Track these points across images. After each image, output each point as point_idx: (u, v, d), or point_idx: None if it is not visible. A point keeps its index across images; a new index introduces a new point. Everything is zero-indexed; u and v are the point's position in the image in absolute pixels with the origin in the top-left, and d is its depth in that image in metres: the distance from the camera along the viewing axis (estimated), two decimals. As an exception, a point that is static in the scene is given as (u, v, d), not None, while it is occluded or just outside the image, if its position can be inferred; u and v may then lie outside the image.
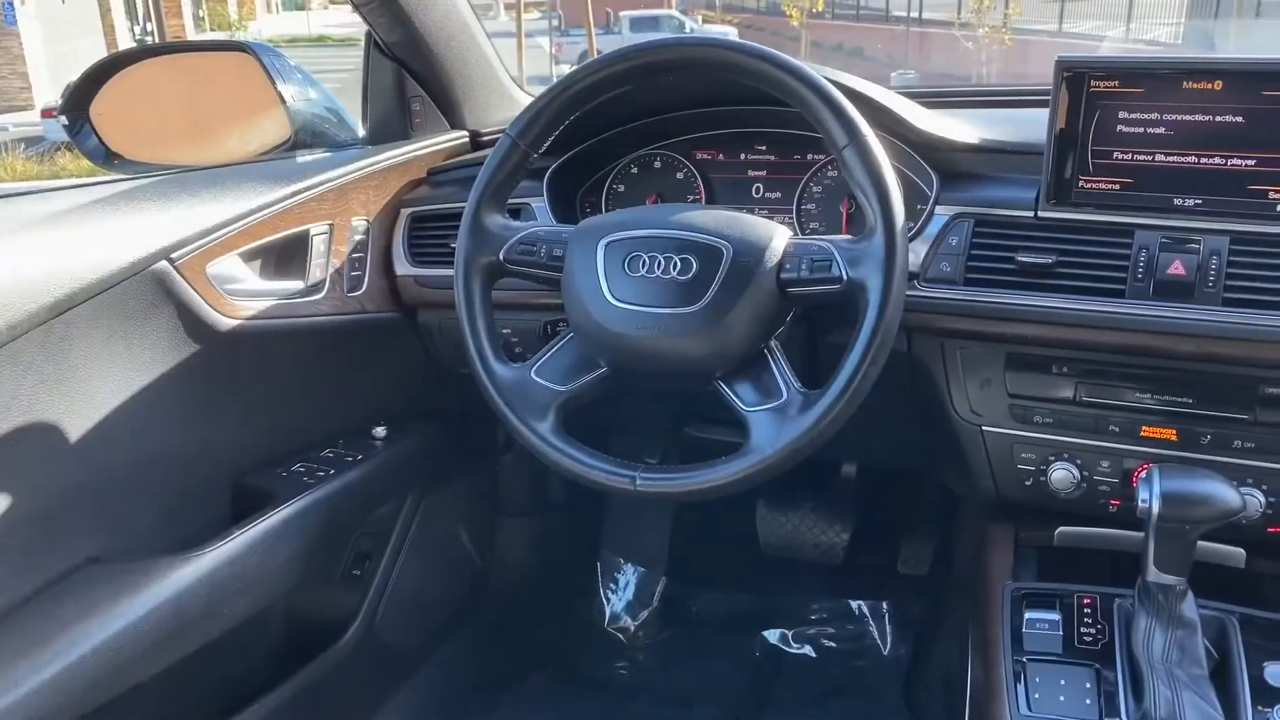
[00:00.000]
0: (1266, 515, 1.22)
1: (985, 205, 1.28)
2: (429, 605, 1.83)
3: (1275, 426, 1.19)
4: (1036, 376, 1.28)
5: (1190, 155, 1.18)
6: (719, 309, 1.13)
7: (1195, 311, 1.16)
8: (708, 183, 1.55)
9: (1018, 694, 1.10)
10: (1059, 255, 1.22)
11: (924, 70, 15.93)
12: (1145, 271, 1.18)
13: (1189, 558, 1.09)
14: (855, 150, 1.11)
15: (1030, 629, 1.18)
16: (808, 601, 2.16)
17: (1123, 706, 1.07)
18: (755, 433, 1.13)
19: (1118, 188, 1.21)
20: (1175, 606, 1.10)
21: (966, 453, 1.35)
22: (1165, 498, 1.07)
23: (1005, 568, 1.31)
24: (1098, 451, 1.27)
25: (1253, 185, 1.16)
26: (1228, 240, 1.16)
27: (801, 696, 1.97)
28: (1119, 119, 1.20)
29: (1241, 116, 1.15)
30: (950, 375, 1.33)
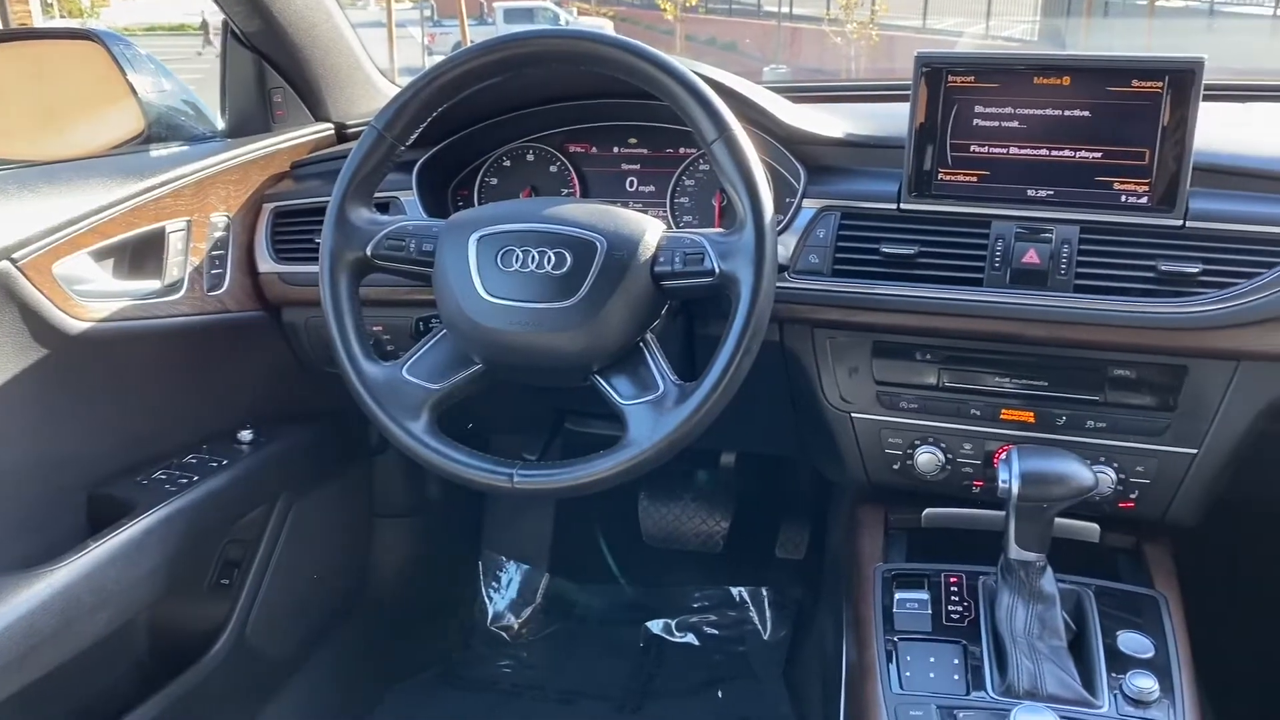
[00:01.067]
0: (1118, 491, 1.28)
1: (851, 198, 1.31)
2: (303, 611, 1.77)
3: (1124, 407, 1.26)
4: (902, 364, 1.32)
5: (1042, 148, 1.23)
6: (594, 303, 1.13)
7: (1048, 298, 1.21)
8: (582, 176, 1.54)
9: (889, 673, 1.13)
10: (921, 246, 1.26)
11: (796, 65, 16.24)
12: (1002, 260, 1.23)
13: (1047, 534, 1.14)
14: (724, 144, 1.12)
15: (900, 609, 1.22)
16: (690, 590, 2.18)
17: (988, 680, 1.11)
18: (633, 426, 1.13)
19: (975, 180, 1.25)
20: (1035, 582, 1.14)
21: (837, 439, 1.38)
22: (1024, 478, 1.11)
23: (876, 550, 1.34)
24: (961, 435, 1.32)
25: (1100, 177, 1.21)
26: (1078, 229, 1.22)
27: (685, 684, 1.99)
28: (975, 113, 1.24)
29: (1088, 111, 1.20)
30: (820, 364, 1.36)
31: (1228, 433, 1.23)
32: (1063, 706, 1.05)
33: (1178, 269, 1.17)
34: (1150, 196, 1.19)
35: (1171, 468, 1.26)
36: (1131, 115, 1.18)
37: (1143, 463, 1.26)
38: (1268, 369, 1.20)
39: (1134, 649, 1.14)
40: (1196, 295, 1.17)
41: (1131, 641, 1.15)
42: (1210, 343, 1.18)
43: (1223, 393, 1.22)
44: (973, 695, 1.09)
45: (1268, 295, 1.14)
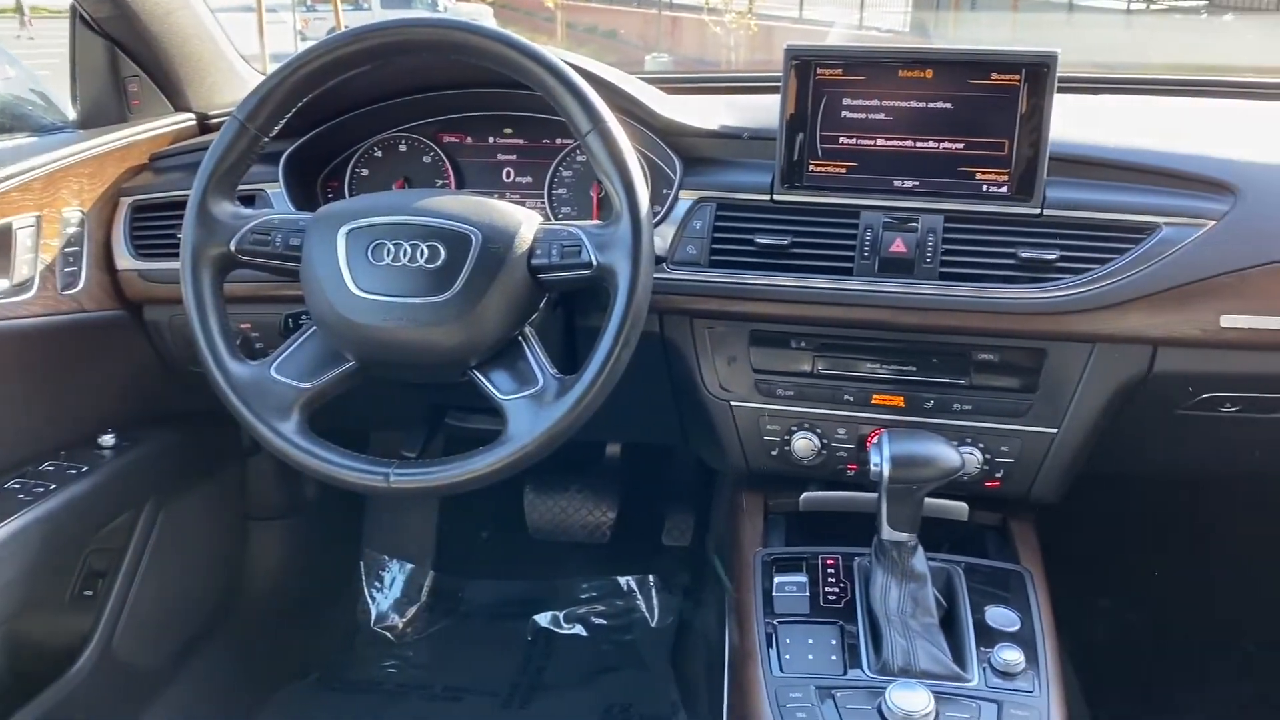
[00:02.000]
0: (984, 471, 1.33)
1: (726, 189, 1.32)
2: (174, 620, 1.71)
3: (988, 389, 1.30)
4: (778, 352, 1.34)
5: (907, 139, 1.26)
6: (470, 297, 1.11)
7: (915, 286, 1.24)
8: (457, 167, 1.52)
9: (770, 656, 1.15)
10: (794, 236, 1.28)
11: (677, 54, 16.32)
12: (871, 250, 1.26)
13: (918, 515, 1.18)
14: (598, 136, 1.12)
15: (780, 592, 1.24)
16: (577, 582, 2.18)
17: (864, 658, 1.14)
18: (512, 421, 1.12)
19: (844, 171, 1.28)
20: (907, 561, 1.18)
21: (717, 427, 1.40)
22: (893, 461, 1.14)
23: (756, 535, 1.36)
24: (835, 420, 1.35)
25: (962, 167, 1.25)
26: (942, 219, 1.25)
27: (573, 676, 1.99)
28: (843, 105, 1.27)
29: (950, 103, 1.24)
30: (700, 354, 1.37)
31: (1085, 412, 1.29)
32: (935, 682, 1.08)
33: (1036, 256, 1.22)
34: (1010, 186, 1.23)
35: (1034, 447, 1.31)
36: (991, 107, 1.22)
37: (1007, 443, 1.31)
38: (1121, 350, 1.26)
39: (1001, 623, 1.18)
40: (1054, 281, 1.22)
41: (999, 616, 1.19)
42: (1067, 326, 1.23)
43: (1080, 374, 1.27)
44: (849, 674, 1.12)
45: (1120, 280, 1.20)
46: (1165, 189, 1.24)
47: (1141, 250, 1.20)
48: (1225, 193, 1.22)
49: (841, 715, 1.07)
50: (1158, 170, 1.25)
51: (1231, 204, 1.21)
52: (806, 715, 1.07)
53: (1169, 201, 1.22)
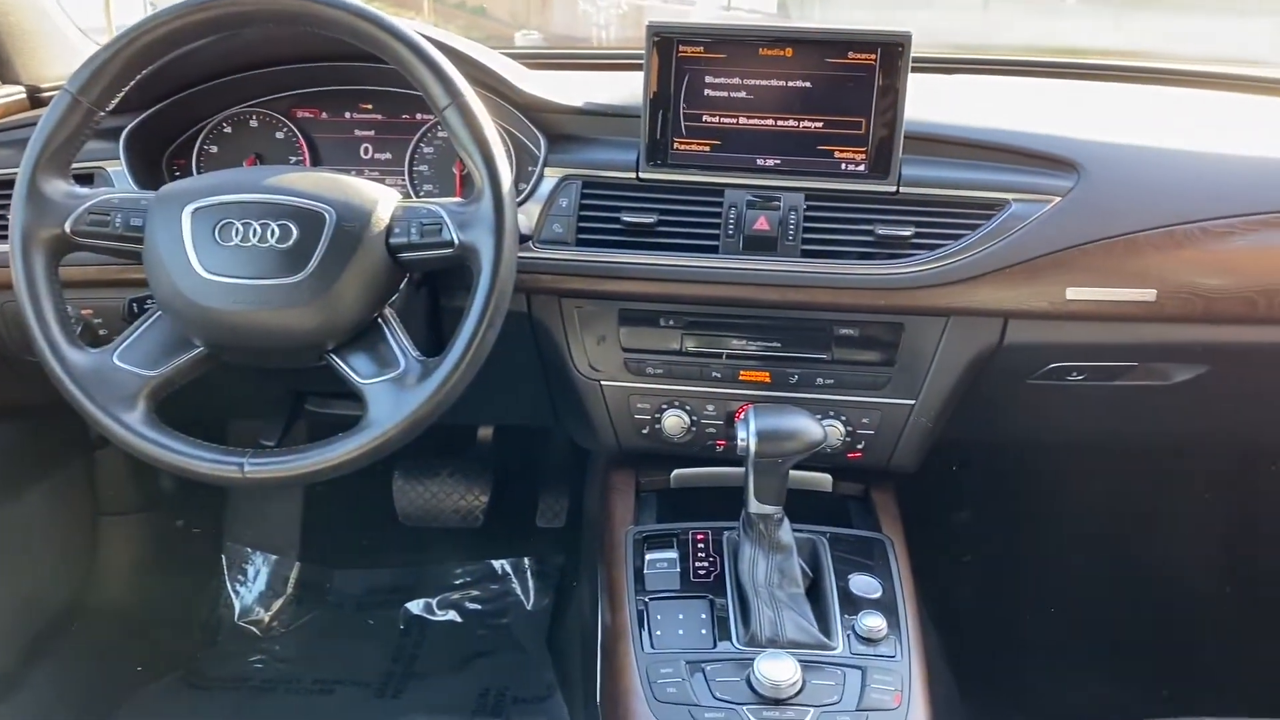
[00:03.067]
0: (846, 443, 1.36)
1: (591, 167, 1.31)
2: (20, 623, 1.62)
3: (849, 364, 1.33)
4: (646, 330, 1.34)
5: (769, 118, 1.27)
6: (324, 278, 1.08)
7: (778, 263, 1.26)
8: (312, 143, 1.46)
9: (641, 633, 1.16)
10: (660, 214, 1.28)
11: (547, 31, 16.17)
12: (735, 227, 1.27)
13: (783, 488, 1.20)
14: (456, 111, 1.09)
15: (651, 569, 1.25)
16: (450, 567, 2.15)
17: (733, 630, 1.15)
18: (373, 405, 1.09)
19: (708, 149, 1.28)
20: (774, 534, 1.20)
21: (588, 407, 1.39)
22: (759, 435, 1.16)
23: (627, 513, 1.37)
24: (704, 397, 1.36)
25: (822, 145, 1.27)
26: (804, 197, 1.27)
27: (448, 662, 1.96)
28: (706, 83, 1.27)
29: (809, 82, 1.25)
30: (569, 333, 1.36)
31: (941, 383, 1.33)
32: (801, 651, 1.11)
33: (893, 232, 1.25)
34: (867, 164, 1.26)
35: (893, 418, 1.35)
36: (848, 86, 1.24)
37: (868, 415, 1.35)
38: (973, 323, 1.30)
39: (864, 590, 1.22)
40: (910, 257, 1.25)
41: (862, 583, 1.22)
42: (922, 301, 1.27)
43: (935, 347, 1.31)
44: (719, 647, 1.14)
45: (971, 255, 1.24)
46: (1014, 167, 1.28)
47: (992, 226, 1.24)
48: (1070, 170, 1.27)
49: (711, 688, 1.08)
50: (1007, 148, 1.29)
51: (1075, 181, 1.26)
52: (677, 690, 1.08)
53: (1017, 179, 1.27)
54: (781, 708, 1.05)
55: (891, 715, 1.06)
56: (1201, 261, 1.25)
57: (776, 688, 1.05)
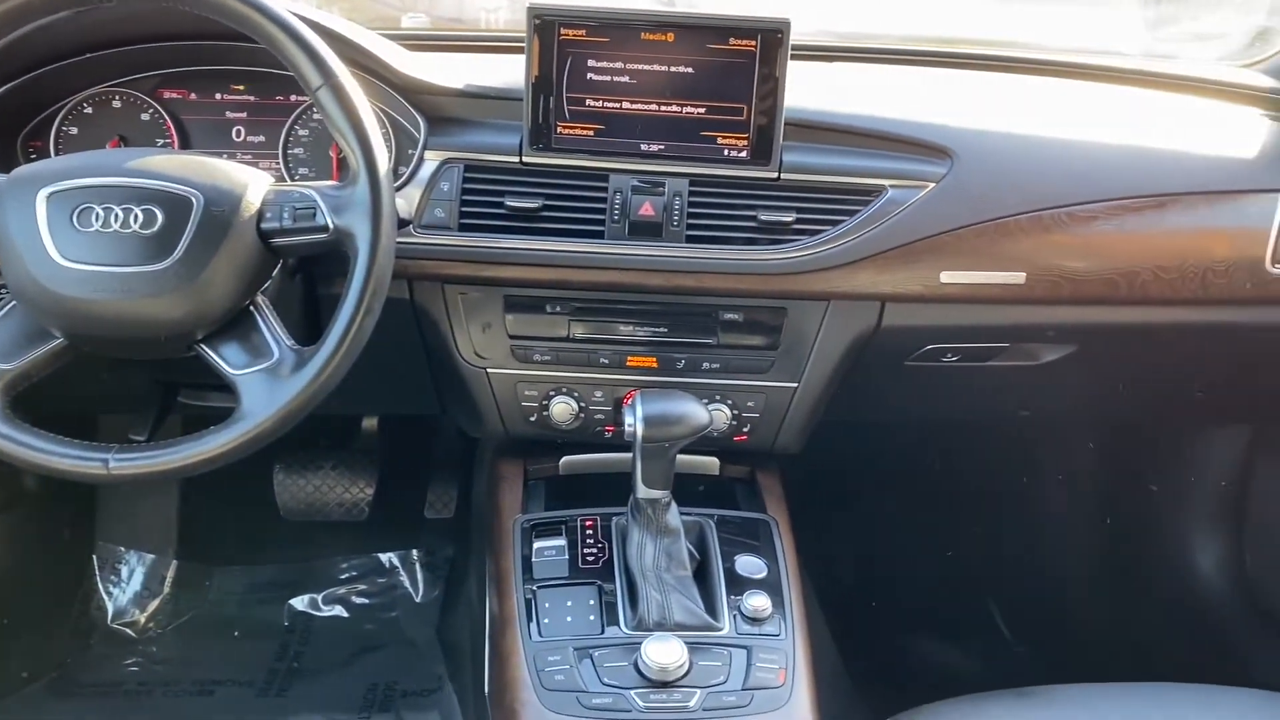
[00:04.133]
0: (733, 426, 1.38)
1: (473, 150, 1.29)
2: None
3: (734, 348, 1.35)
4: (533, 317, 1.33)
5: (652, 103, 1.27)
6: (192, 265, 1.04)
7: (663, 248, 1.26)
8: (180, 125, 1.40)
9: (529, 621, 1.15)
10: (545, 199, 1.27)
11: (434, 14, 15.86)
12: (620, 213, 1.26)
13: (670, 472, 1.20)
14: (330, 92, 1.06)
15: (539, 557, 1.24)
16: (336, 561, 2.10)
17: (621, 615, 1.16)
18: (246, 397, 1.06)
19: (592, 133, 1.27)
20: (661, 518, 1.20)
21: (474, 395, 1.38)
22: (646, 420, 1.16)
23: (515, 502, 1.36)
24: (592, 383, 1.35)
25: (705, 131, 1.27)
26: (688, 182, 1.28)
27: (335, 658, 1.92)
28: (589, 67, 1.26)
29: (691, 68, 1.25)
30: (453, 320, 1.34)
31: (822, 366, 1.36)
32: (688, 633, 1.12)
33: (775, 218, 1.26)
34: (749, 150, 1.27)
35: (777, 401, 1.37)
36: (729, 72, 1.25)
37: (753, 398, 1.36)
38: (852, 307, 1.33)
39: (749, 571, 1.23)
40: (792, 242, 1.27)
41: (747, 564, 1.24)
42: (804, 285, 1.28)
43: (816, 330, 1.34)
44: (607, 633, 1.14)
45: (849, 240, 1.26)
46: (891, 154, 1.31)
47: (869, 212, 1.27)
48: (943, 157, 1.30)
49: (599, 673, 1.08)
50: (883, 135, 1.32)
51: (949, 168, 1.29)
52: (565, 677, 1.08)
53: (894, 165, 1.30)
54: (669, 690, 1.06)
55: (776, 693, 1.08)
56: (1068, 245, 1.30)
57: (664, 670, 1.06)
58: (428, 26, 1.92)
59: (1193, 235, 1.34)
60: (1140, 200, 1.31)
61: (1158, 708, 1.15)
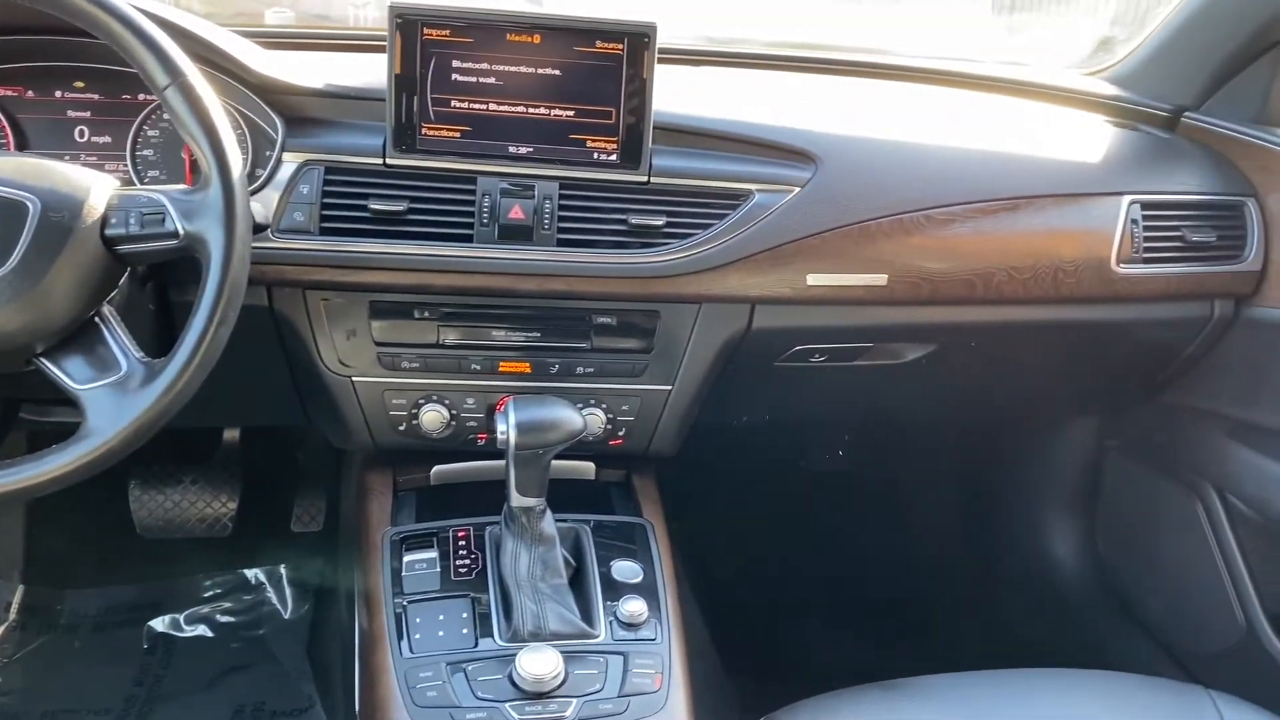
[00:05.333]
0: (608, 430, 1.37)
1: (334, 152, 1.25)
2: None
3: (609, 352, 1.34)
4: (400, 323, 1.30)
5: (520, 105, 1.25)
6: (28, 274, 0.97)
7: (534, 252, 1.24)
8: (16, 125, 1.31)
9: (399, 638, 1.12)
10: (410, 202, 1.23)
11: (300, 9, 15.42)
12: (490, 216, 1.24)
13: (545, 478, 1.19)
14: (178, 91, 1.01)
15: (409, 571, 1.21)
16: (199, 580, 2.02)
17: (495, 627, 1.14)
18: (92, 413, 1.00)
19: (458, 135, 1.25)
20: (536, 525, 1.19)
21: (340, 405, 1.33)
22: (520, 427, 1.14)
23: (384, 514, 1.32)
24: (463, 390, 1.33)
25: (574, 134, 1.26)
26: (558, 185, 1.26)
27: (198, 680, 1.84)
28: (454, 68, 1.23)
29: (559, 70, 1.24)
30: (316, 328, 1.29)
31: (695, 368, 1.36)
32: (564, 642, 1.10)
33: (645, 222, 1.26)
34: (618, 154, 1.26)
35: (651, 404, 1.37)
36: (597, 75, 1.24)
37: (627, 402, 1.36)
38: (723, 310, 1.34)
39: (625, 576, 1.23)
40: (663, 245, 1.27)
41: (624, 569, 1.24)
42: (675, 288, 1.29)
43: (689, 333, 1.34)
44: (481, 645, 1.12)
45: (719, 244, 1.27)
46: (757, 158, 1.32)
47: (737, 215, 1.28)
48: (808, 162, 1.32)
49: (473, 687, 1.06)
50: (750, 140, 1.33)
51: (813, 172, 1.31)
52: (437, 693, 1.06)
53: (760, 170, 1.31)
54: (544, 701, 1.05)
55: (652, 698, 1.08)
56: (927, 247, 1.34)
57: (539, 681, 1.05)
58: (292, 23, 1.85)
59: (1044, 236, 1.39)
60: (994, 203, 1.36)
61: (1018, 694, 1.19)
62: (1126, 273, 1.42)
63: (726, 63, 1.77)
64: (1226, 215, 1.49)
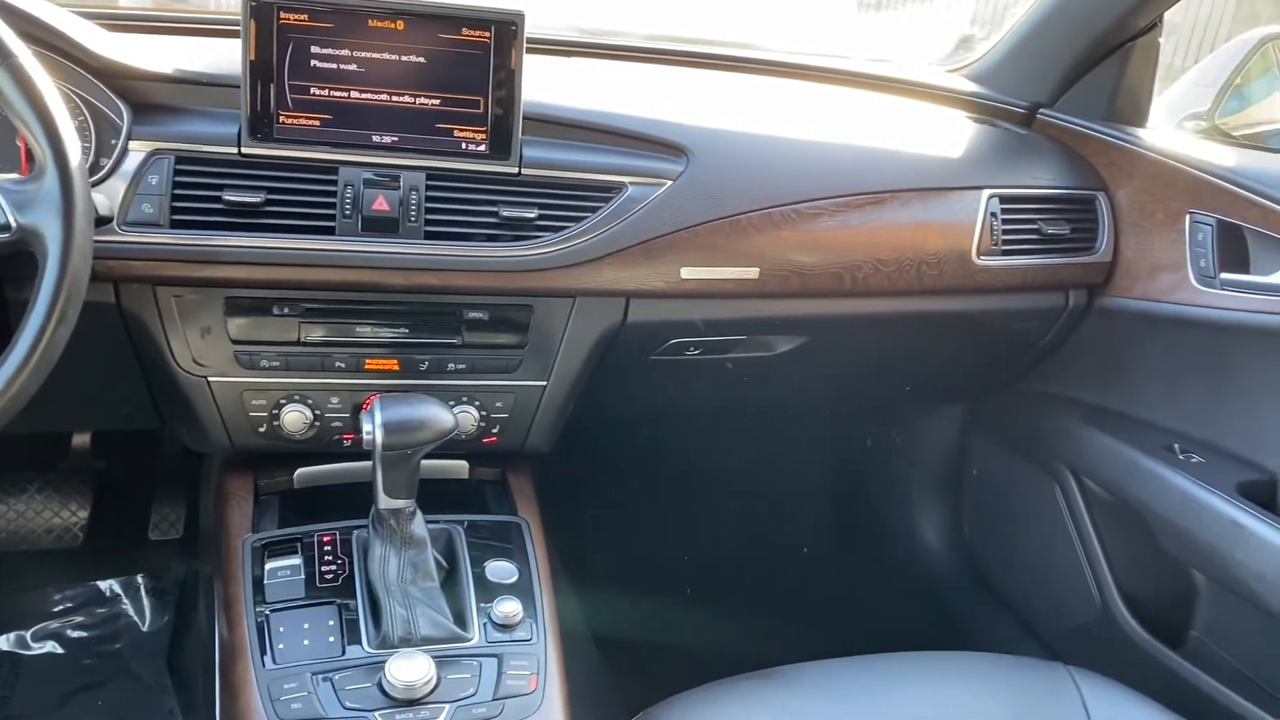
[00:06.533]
0: (481, 428, 1.34)
1: (186, 140, 1.19)
2: None
3: (481, 347, 1.31)
4: (259, 320, 1.24)
5: (383, 93, 1.21)
6: None
7: (400, 245, 1.21)
8: None
9: (261, 649, 1.08)
10: (268, 193, 1.18)
11: (158, -5, 14.74)
12: (353, 208, 1.20)
13: (415, 479, 1.15)
14: (7, 74, 0.94)
15: (272, 579, 1.16)
16: (48, 593, 1.90)
17: (364, 634, 1.10)
18: None
19: (318, 124, 1.20)
20: (406, 528, 1.15)
21: (195, 406, 1.27)
22: (386, 427, 1.11)
23: (245, 520, 1.27)
24: (327, 389, 1.28)
25: (441, 124, 1.23)
26: (424, 176, 1.22)
27: (48, 700, 1.73)
28: (313, 54, 1.18)
29: (424, 57, 1.21)
30: (168, 326, 1.23)
31: (570, 363, 1.35)
32: (435, 647, 1.08)
33: (517, 214, 1.24)
34: (487, 144, 1.24)
35: (526, 400, 1.35)
36: (464, 63, 1.21)
37: (501, 399, 1.33)
38: (598, 304, 1.33)
39: (500, 576, 1.20)
40: (535, 239, 1.25)
41: (498, 569, 1.21)
42: (549, 282, 1.27)
43: (563, 327, 1.32)
44: (348, 653, 1.08)
45: (592, 237, 1.26)
46: (630, 151, 1.32)
47: (611, 209, 1.26)
48: (680, 155, 1.32)
49: (340, 697, 1.02)
50: (622, 133, 1.32)
51: (685, 165, 1.31)
52: (302, 705, 1.02)
53: (633, 162, 1.30)
54: (415, 708, 1.02)
55: (528, 699, 1.06)
56: (796, 241, 1.35)
57: (410, 688, 1.02)
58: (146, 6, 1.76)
59: (908, 230, 1.42)
60: (861, 197, 1.38)
61: (885, 678, 1.21)
62: (986, 264, 1.46)
63: (598, 54, 1.75)
64: (1079, 208, 1.55)
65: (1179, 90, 1.75)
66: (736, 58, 1.80)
